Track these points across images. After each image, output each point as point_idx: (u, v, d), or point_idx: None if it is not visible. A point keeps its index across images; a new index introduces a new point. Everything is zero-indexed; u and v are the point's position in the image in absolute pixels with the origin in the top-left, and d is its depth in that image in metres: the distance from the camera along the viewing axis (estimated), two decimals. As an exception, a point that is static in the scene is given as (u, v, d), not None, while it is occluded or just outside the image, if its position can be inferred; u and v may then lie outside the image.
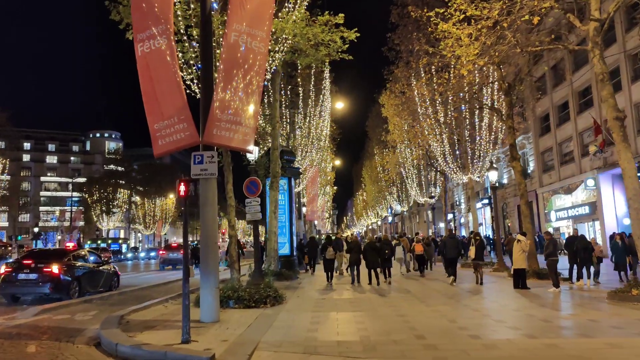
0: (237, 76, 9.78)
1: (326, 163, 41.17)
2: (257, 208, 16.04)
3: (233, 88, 9.78)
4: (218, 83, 9.65)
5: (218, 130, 9.63)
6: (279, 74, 20.99)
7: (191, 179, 8.13)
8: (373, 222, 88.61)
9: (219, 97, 9.63)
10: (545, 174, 40.72)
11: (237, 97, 9.83)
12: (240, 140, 9.86)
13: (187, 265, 8.13)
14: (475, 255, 16.98)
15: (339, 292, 15.24)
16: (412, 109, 27.96)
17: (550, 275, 14.87)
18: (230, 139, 9.76)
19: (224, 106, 9.68)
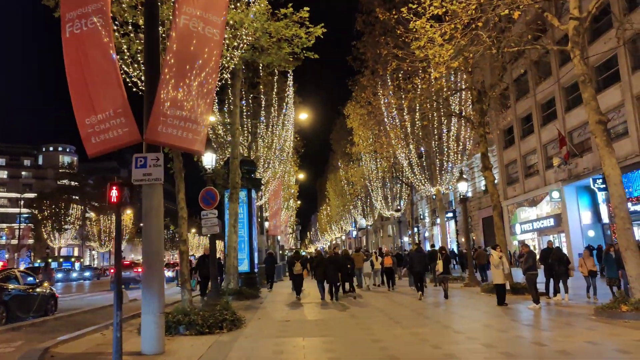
0: (188, 65, 8.43)
1: (289, 175, 39.83)
2: (214, 221, 14.58)
3: (183, 79, 8.42)
4: (165, 72, 8.28)
5: (164, 127, 8.23)
6: (239, 79, 19.70)
7: (126, 183, 6.69)
8: (337, 236, 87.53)
9: (166, 88, 8.25)
10: (510, 187, 40.63)
11: (188, 89, 8.47)
12: (191, 140, 8.47)
13: (120, 287, 6.65)
14: (443, 269, 16.95)
15: (305, 312, 13.88)
16: (378, 119, 27.07)
17: (530, 290, 13.94)
18: (178, 138, 8.36)
19: (172, 99, 8.30)
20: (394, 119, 24.61)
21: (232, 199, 18.67)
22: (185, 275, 11.10)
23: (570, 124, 31.18)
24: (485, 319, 11.38)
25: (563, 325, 10.31)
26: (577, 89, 31.38)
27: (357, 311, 13.64)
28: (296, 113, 33.61)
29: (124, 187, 6.46)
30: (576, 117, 30.51)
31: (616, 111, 26.94)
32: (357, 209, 56.25)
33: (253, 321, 11.95)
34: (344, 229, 76.56)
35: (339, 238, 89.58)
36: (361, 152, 35.50)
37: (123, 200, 6.37)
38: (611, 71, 27.23)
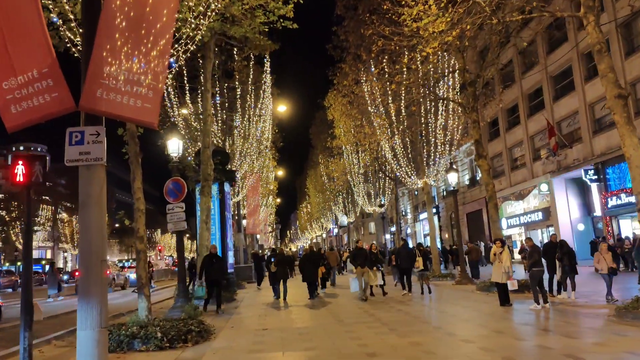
0: (134, 12, 6.69)
1: (268, 171, 38.07)
2: (180, 216, 12.88)
3: (129, 32, 6.67)
4: (105, 20, 6.53)
5: (105, 92, 6.47)
6: (210, 61, 17.93)
7: (37, 156, 4.97)
8: (317, 235, 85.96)
9: (108, 42, 6.50)
10: (495, 180, 39.19)
11: (135, 46, 6.73)
12: (140, 109, 6.73)
13: (30, 298, 4.92)
14: (423, 266, 17.08)
15: (286, 318, 12.26)
16: (361, 108, 25.53)
17: (532, 288, 12.51)
18: (124, 106, 6.61)
19: (115, 57, 6.56)
20: (377, 107, 23.04)
21: (204, 192, 16.90)
22: (143, 279, 9.35)
23: (559, 114, 30.12)
24: (493, 324, 9.89)
25: (587, 331, 8.89)
26: (565, 77, 30.46)
27: (344, 315, 12.06)
28: (274, 105, 31.96)
29: (35, 163, 4.74)
30: (565, 106, 29.46)
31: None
32: (338, 206, 54.73)
33: (225, 330, 10.26)
34: (325, 226, 75.03)
35: (319, 236, 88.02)
36: (343, 145, 33.90)
37: (34, 179, 4.66)
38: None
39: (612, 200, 25.69)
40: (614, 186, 25.87)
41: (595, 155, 26.64)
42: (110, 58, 6.54)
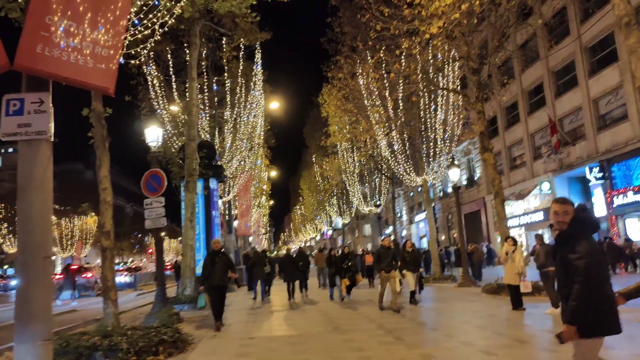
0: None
1: (260, 170, 36.80)
2: (160, 211, 11.62)
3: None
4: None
5: (48, 48, 5.24)
6: (196, 48, 16.68)
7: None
8: (312, 237, 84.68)
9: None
10: (494, 180, 38.46)
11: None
12: (92, 70, 5.50)
13: None
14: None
15: (275, 324, 11.00)
16: (357, 104, 24.35)
17: (547, 290, 11.35)
18: (72, 66, 5.38)
19: (62, 6, 5.33)
20: (374, 100, 21.85)
21: (189, 188, 15.62)
22: (109, 281, 8.07)
23: (561, 111, 29.07)
24: (511, 331, 8.69)
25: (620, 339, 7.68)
26: (568, 72, 29.42)
27: (340, 321, 10.82)
28: (267, 102, 30.77)
29: None
30: (567, 102, 28.43)
31: (613, 94, 24.85)
32: (332, 207, 53.50)
33: (205, 340, 8.99)
34: (319, 228, 73.80)
35: (313, 239, 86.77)
36: (337, 142, 32.69)
37: None
38: (607, 51, 25.11)
39: (617, 199, 24.64)
40: (619, 184, 24.82)
41: (600, 153, 25.61)
42: (55, 5, 5.29)
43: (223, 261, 10.54)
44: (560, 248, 3.89)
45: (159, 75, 20.42)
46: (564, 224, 3.85)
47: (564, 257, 3.80)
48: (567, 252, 3.77)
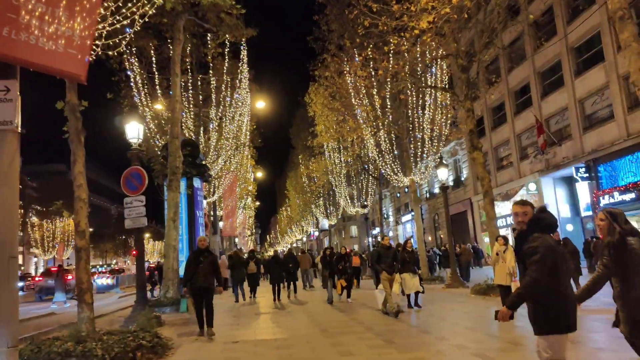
0: None
1: (246, 170, 36.33)
2: (140, 211, 11.19)
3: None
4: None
5: (15, 31, 4.84)
6: (179, 43, 16.23)
7: None
8: (298, 238, 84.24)
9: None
10: (480, 181, 38.45)
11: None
12: (62, 55, 5.12)
13: None
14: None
15: (261, 326, 10.62)
16: (344, 102, 24.05)
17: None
18: (41, 51, 4.99)
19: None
20: (362, 99, 21.57)
21: (172, 186, 15.17)
22: (84, 283, 7.64)
23: (547, 111, 29.09)
24: (504, 334, 8.43)
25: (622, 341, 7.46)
26: (554, 73, 29.49)
27: (329, 324, 10.48)
28: (253, 101, 30.37)
29: None
30: (554, 103, 28.45)
31: (599, 94, 24.89)
32: (319, 208, 53.15)
33: (187, 345, 8.59)
34: (305, 230, 73.37)
35: (299, 240, 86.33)
36: (324, 142, 32.37)
37: None
38: (593, 51, 25.15)
39: (604, 199, 24.65)
40: (605, 184, 24.86)
41: (586, 153, 25.63)
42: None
43: (209, 261, 9.29)
44: (519, 247, 4.04)
45: (142, 72, 19.93)
46: (523, 224, 4.01)
47: (522, 254, 4.00)
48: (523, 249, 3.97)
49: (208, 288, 9.28)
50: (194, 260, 9.30)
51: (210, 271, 9.27)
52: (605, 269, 4.24)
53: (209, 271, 9.23)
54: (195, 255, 9.42)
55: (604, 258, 4.25)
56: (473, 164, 39.28)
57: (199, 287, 9.22)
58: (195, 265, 9.19)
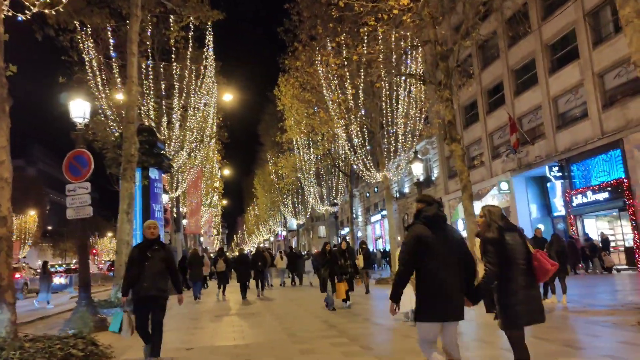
0: None
1: (212, 165, 34.87)
2: (84, 199, 9.85)
3: None
4: None
5: None
6: (137, 19, 14.85)
7: None
8: (265, 238, 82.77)
9: None
10: (452, 180, 37.99)
11: None
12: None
13: None
14: (364, 264, 17.25)
15: (221, 330, 9.43)
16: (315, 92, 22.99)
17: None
18: None
19: None
20: (335, 89, 20.55)
21: (126, 176, 13.81)
22: (4, 280, 6.33)
23: (520, 110, 28.73)
24: (494, 338, 7.50)
25: (624, 347, 6.62)
26: (527, 71, 29.14)
27: (298, 327, 9.38)
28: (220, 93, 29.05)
29: None
30: (527, 101, 28.09)
31: (573, 92, 24.57)
32: (287, 207, 51.96)
33: (130, 353, 7.33)
34: (273, 230, 72.05)
35: (267, 240, 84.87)
36: (293, 137, 31.23)
37: None
38: (568, 49, 24.84)
39: (577, 199, 24.35)
40: (578, 184, 24.57)
41: (559, 152, 25.30)
42: None
43: (161, 257, 6.40)
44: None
45: (98, 55, 18.43)
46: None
47: None
48: None
49: (157, 298, 6.31)
50: (137, 256, 6.41)
51: (162, 272, 6.36)
52: (492, 266, 4.18)
53: (160, 272, 6.32)
54: (140, 249, 6.48)
55: (488, 256, 4.21)
56: (443, 162, 38.88)
57: (144, 297, 6.27)
58: (140, 263, 6.31)
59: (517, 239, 4.32)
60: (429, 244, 4.02)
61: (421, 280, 4.06)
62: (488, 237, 4.27)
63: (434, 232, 4.09)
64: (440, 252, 4.05)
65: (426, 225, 4.11)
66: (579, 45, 23.75)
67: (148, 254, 6.35)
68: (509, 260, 4.19)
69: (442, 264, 4.03)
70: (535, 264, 4.28)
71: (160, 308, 6.38)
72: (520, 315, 4.12)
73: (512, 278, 4.17)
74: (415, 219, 4.23)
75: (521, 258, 4.23)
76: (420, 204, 4.31)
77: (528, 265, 4.26)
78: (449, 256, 4.09)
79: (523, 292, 4.14)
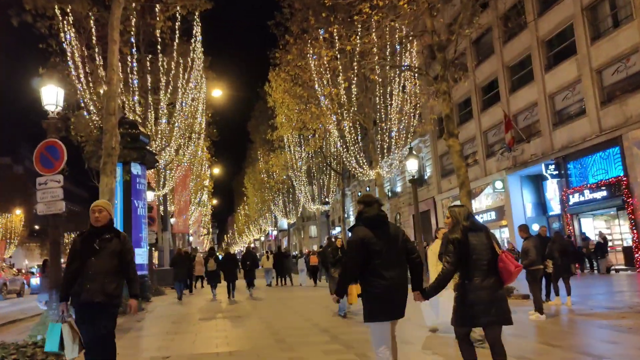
0: None
1: (201, 162, 34.03)
2: (56, 193, 9.09)
3: None
4: None
5: None
6: (119, 5, 14.07)
7: None
8: (256, 238, 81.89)
9: None
10: (445, 179, 37.46)
11: None
12: None
13: None
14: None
15: (203, 336, 8.69)
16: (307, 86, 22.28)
17: (533, 293, 9.70)
18: None
19: None
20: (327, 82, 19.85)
21: (106, 170, 13.03)
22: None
23: (516, 107, 28.20)
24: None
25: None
26: (523, 67, 28.68)
27: (285, 331, 8.66)
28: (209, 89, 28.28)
29: None
30: (522, 98, 27.58)
31: (571, 88, 24.07)
32: (277, 206, 51.18)
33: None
34: (264, 229, 71.24)
35: (257, 240, 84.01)
36: (284, 135, 30.48)
37: None
38: (564, 44, 24.33)
39: (573, 197, 23.84)
40: (575, 182, 24.05)
41: (556, 150, 24.78)
42: None
43: (112, 251, 4.69)
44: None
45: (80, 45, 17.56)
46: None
47: None
48: None
49: (104, 305, 4.61)
50: (80, 248, 4.71)
51: (113, 271, 4.67)
52: (450, 265, 4.21)
53: (110, 271, 4.64)
54: (84, 240, 4.76)
55: (448, 255, 4.24)
56: (436, 161, 38.33)
57: (87, 303, 4.57)
58: (83, 258, 4.66)
59: (482, 239, 4.29)
60: (371, 244, 4.10)
61: (366, 281, 4.13)
62: (451, 237, 4.29)
63: (376, 233, 4.16)
64: (383, 252, 4.11)
65: (367, 226, 4.18)
66: (577, 41, 23.25)
67: (95, 245, 4.65)
68: (470, 260, 4.18)
69: (385, 263, 4.10)
70: (500, 265, 4.22)
71: (107, 319, 4.66)
72: (477, 314, 4.08)
73: (472, 278, 4.17)
74: (356, 221, 4.31)
75: (484, 259, 4.20)
76: (360, 205, 4.37)
77: (491, 266, 4.22)
78: (392, 255, 4.16)
79: (485, 292, 4.10)
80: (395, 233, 4.28)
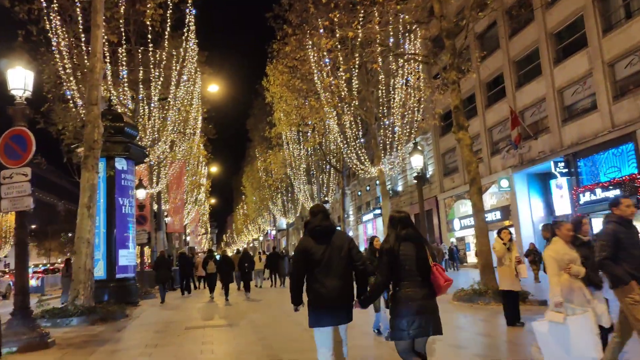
0: None
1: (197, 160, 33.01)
2: (23, 188, 8.09)
3: None
4: None
5: None
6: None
7: None
8: (254, 238, 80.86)
9: None
10: (447, 178, 36.47)
11: None
12: None
13: None
14: None
15: (188, 348, 7.68)
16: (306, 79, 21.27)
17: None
18: None
19: None
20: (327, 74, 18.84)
21: (87, 165, 12.03)
22: None
23: (523, 102, 27.21)
24: (470, 345, 5.84)
25: None
26: (529, 62, 27.69)
27: (280, 342, 7.66)
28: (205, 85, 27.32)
29: None
30: (529, 93, 26.60)
31: (581, 82, 23.07)
32: (276, 206, 50.16)
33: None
34: (262, 228, 70.21)
35: (256, 240, 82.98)
36: (282, 132, 29.47)
37: None
38: (575, 37, 23.33)
39: (584, 196, 22.82)
40: (586, 180, 23.05)
41: (565, 146, 23.80)
42: None
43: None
44: None
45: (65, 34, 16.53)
46: None
47: None
48: None
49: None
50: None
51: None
52: (381, 276, 4.17)
53: None
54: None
55: (381, 265, 4.19)
56: (439, 160, 37.32)
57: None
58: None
59: (415, 250, 4.12)
60: (311, 254, 4.25)
61: (308, 289, 4.30)
62: (383, 247, 4.25)
63: (318, 243, 4.29)
64: (324, 261, 4.23)
65: (311, 236, 4.34)
66: (587, 33, 22.27)
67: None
68: (403, 270, 4.10)
69: (325, 272, 4.22)
70: (431, 278, 4.11)
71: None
72: (407, 326, 3.98)
73: (402, 289, 4.09)
74: (304, 231, 4.47)
75: (415, 269, 4.09)
76: (309, 215, 4.53)
77: (425, 277, 4.10)
78: (333, 264, 4.25)
79: (416, 304, 3.99)
80: (341, 242, 4.32)
